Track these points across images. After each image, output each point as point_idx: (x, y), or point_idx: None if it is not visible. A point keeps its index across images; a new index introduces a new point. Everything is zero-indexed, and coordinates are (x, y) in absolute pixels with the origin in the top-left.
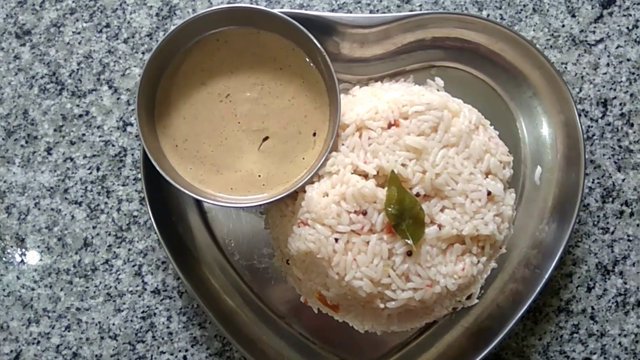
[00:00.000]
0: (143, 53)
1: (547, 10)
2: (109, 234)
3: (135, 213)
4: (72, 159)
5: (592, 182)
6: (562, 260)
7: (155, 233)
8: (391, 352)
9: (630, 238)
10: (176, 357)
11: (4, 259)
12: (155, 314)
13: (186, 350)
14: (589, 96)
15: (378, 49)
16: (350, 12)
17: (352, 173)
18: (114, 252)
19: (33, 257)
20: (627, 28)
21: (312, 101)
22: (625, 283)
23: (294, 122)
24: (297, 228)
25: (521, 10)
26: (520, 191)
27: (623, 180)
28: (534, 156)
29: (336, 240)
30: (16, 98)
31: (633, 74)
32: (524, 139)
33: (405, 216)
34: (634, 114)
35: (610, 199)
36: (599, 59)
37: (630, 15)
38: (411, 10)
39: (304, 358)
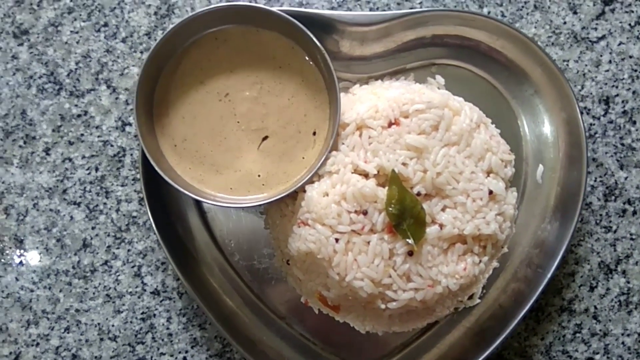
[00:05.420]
0: (141, 52)
1: (549, 7)
2: (108, 235)
3: (135, 213)
4: (70, 160)
5: (595, 181)
6: (564, 260)
7: (155, 233)
8: (392, 353)
9: (633, 237)
10: (176, 358)
11: (2, 260)
12: (155, 315)
13: (186, 352)
14: (591, 94)
15: (378, 47)
16: (350, 10)
17: (352, 172)
18: (113, 253)
19: (32, 259)
20: (630, 25)
21: (312, 100)
22: (628, 282)
23: (294, 121)
24: (297, 228)
25: (522, 7)
26: (522, 190)
27: (626, 178)
28: (535, 154)
29: (337, 240)
30: (14, 98)
31: (635, 71)
32: (525, 137)
33: (406, 216)
34: (637, 112)
35: (613, 198)
36: (601, 56)
37: (633, 11)
38: (411, 8)
39: (305, 359)
